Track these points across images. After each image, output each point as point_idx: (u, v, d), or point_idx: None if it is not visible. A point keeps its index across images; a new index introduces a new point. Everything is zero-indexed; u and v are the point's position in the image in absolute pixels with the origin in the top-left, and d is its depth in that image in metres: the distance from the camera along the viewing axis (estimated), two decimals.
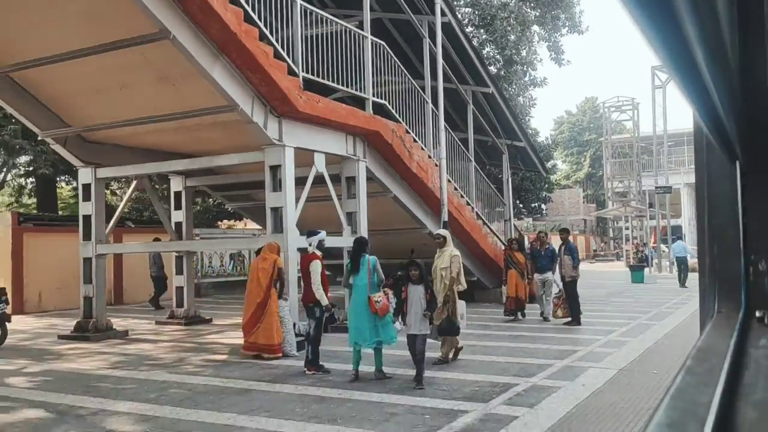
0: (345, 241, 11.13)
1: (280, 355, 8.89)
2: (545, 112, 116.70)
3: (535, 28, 25.58)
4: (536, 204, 31.65)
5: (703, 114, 0.89)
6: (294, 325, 9.42)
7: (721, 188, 1.39)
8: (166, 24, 8.11)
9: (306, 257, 8.26)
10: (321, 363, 8.04)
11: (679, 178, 45.01)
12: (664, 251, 35.28)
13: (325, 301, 8.02)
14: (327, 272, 8.67)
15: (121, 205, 12.80)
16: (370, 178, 12.23)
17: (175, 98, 10.15)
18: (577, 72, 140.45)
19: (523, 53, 22.77)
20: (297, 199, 10.20)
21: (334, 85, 10.91)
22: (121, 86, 10.14)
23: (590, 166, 66.63)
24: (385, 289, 7.73)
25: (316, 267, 8.03)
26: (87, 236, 11.60)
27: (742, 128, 1.07)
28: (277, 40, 9.59)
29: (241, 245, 20.99)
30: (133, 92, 10.20)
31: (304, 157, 10.60)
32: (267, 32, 9.22)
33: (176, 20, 8.26)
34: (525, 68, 23.71)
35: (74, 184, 21.14)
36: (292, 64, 9.79)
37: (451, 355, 8.59)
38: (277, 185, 10.07)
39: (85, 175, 11.64)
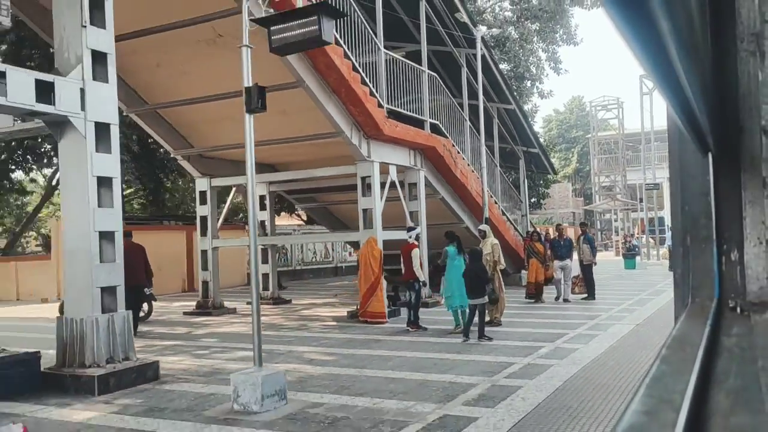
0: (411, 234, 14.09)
1: (385, 321, 11.86)
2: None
3: (539, 43, 28.69)
4: (535, 199, 34.85)
5: (677, 107, 0.90)
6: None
7: (694, 180, 1.39)
8: (302, 76, 11.02)
9: (407, 246, 11.25)
10: (420, 323, 11.03)
11: (663, 173, 48.41)
12: (650, 241, 38.45)
13: (422, 278, 11.03)
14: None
15: (225, 209, 15.64)
16: (425, 183, 15.20)
17: (289, 126, 13.06)
18: (568, 76, 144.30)
19: (533, 69, 26.00)
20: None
21: (408, 113, 13.88)
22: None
23: (578, 162, 70.06)
24: None
25: (416, 253, 11.03)
26: (204, 233, 14.48)
27: (714, 120, 1.07)
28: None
29: (317, 239, 23.75)
30: (255, 121, 13.05)
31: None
32: (367, 80, 12.16)
33: (307, 73, 11.17)
34: (533, 82, 26.93)
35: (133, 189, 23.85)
36: (380, 100, 12.73)
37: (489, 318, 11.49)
38: (366, 191, 13.04)
39: (202, 184, 14.51)
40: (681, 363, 0.85)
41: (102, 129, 7.29)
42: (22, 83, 6.45)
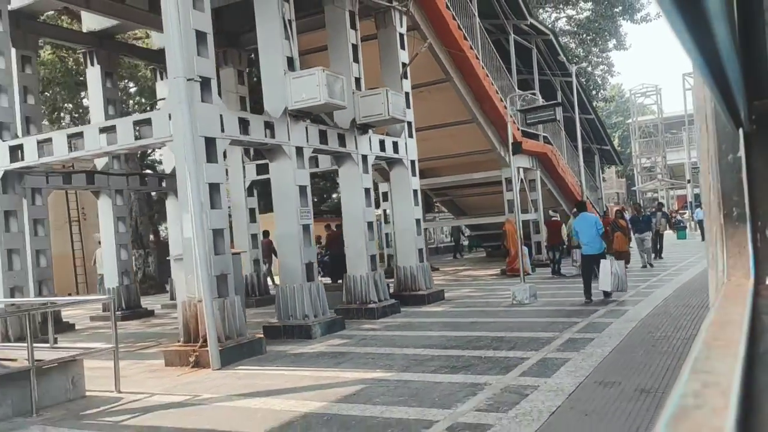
0: (531, 216, 20.11)
1: (529, 274, 17.85)
2: None
3: (596, 51, 34.33)
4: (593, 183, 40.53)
5: (712, 83, 0.88)
6: None
7: (726, 156, 1.35)
8: (477, 116, 17.02)
9: (556, 222, 17.29)
10: (561, 272, 17.02)
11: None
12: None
13: (566, 243, 17.00)
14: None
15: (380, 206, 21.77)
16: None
17: (454, 144, 19.10)
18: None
19: (598, 80, 31.78)
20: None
21: (530, 130, 19.83)
22: (421, 140, 19.08)
23: (619, 146, 74.96)
24: None
25: (562, 227, 17.02)
26: (386, 221, 20.63)
27: (748, 95, 1.07)
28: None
29: (464, 222, 29.73)
30: (431, 142, 19.16)
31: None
32: (512, 119, 18.11)
33: (480, 113, 17.17)
34: (597, 90, 32.71)
35: None
36: (518, 126, 18.70)
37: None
38: (509, 187, 19.05)
39: (385, 186, 20.63)
40: (723, 345, 0.81)
41: (413, 164, 13.44)
42: (390, 144, 12.62)
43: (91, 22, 14.07)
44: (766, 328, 1.02)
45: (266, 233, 19.40)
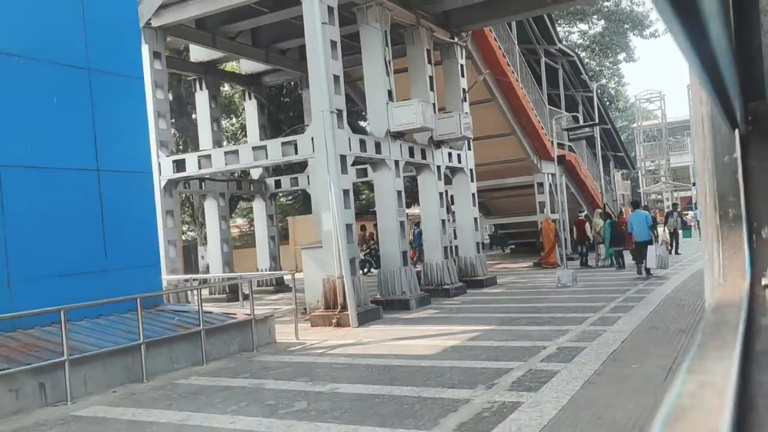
0: (555, 216, 22.87)
1: (559, 265, 20.60)
2: None
3: (607, 64, 37.16)
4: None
5: (707, 83, 0.88)
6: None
7: (722, 156, 1.35)
8: (516, 129, 19.79)
9: (581, 221, 20.01)
10: (589, 264, 19.77)
11: None
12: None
13: (591, 239, 19.76)
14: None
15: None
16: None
17: (490, 152, 21.84)
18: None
19: (612, 93, 34.66)
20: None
21: (560, 141, 22.59)
22: None
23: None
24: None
25: (587, 225, 19.77)
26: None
27: (743, 96, 1.08)
28: None
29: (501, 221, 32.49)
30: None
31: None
32: (543, 129, 20.90)
33: (519, 127, 19.93)
34: (611, 102, 35.55)
35: None
36: (551, 137, 21.47)
37: None
38: (540, 191, 21.82)
39: None
40: (719, 345, 0.81)
41: (471, 172, 16.21)
42: (455, 155, 15.40)
43: (199, 54, 16.83)
44: (762, 329, 1.03)
45: (363, 227, 22.69)
